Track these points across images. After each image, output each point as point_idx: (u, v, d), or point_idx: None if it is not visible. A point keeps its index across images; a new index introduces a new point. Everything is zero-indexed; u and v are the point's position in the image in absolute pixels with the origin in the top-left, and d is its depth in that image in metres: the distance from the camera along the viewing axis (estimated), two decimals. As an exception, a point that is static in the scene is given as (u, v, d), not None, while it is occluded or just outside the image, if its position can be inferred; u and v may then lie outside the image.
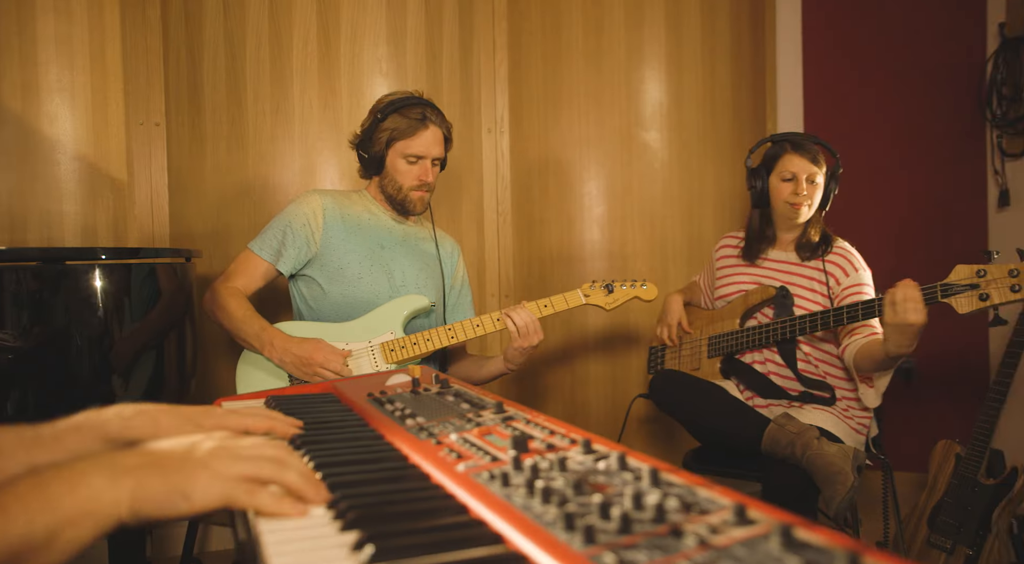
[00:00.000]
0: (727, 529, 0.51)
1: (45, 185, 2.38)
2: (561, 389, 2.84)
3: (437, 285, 1.98)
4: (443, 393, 1.04)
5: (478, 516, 0.61)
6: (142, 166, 2.51)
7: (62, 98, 2.40)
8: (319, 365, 1.71)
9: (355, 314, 1.84)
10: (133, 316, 1.69)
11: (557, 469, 0.67)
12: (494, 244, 2.83)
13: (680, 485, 0.61)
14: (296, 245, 1.83)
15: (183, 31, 2.52)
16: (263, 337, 1.74)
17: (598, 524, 0.53)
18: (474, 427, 0.85)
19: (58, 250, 2.04)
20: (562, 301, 1.90)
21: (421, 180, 1.87)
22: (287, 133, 2.54)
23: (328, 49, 2.55)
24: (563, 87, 2.78)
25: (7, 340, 1.53)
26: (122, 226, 2.50)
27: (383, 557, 0.53)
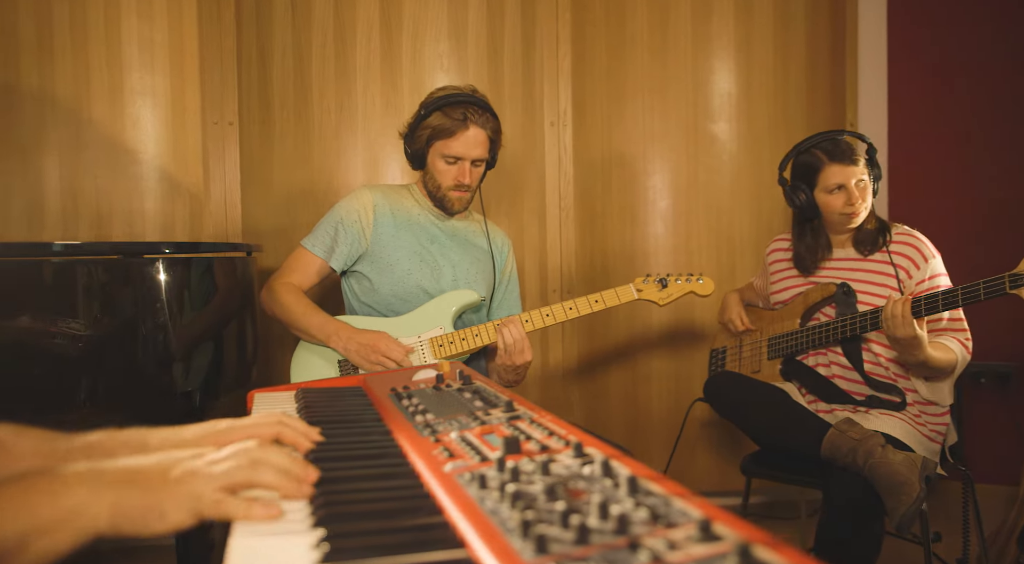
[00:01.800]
0: (687, 545, 0.48)
1: (128, 183, 2.52)
2: (622, 388, 2.79)
3: (487, 280, 1.98)
4: (462, 390, 1.04)
5: (450, 518, 0.60)
6: (216, 164, 2.62)
7: (144, 101, 2.53)
8: (382, 353, 1.73)
9: (405, 309, 1.86)
10: (192, 308, 1.76)
11: (539, 473, 0.65)
12: (556, 238, 2.80)
13: (658, 495, 0.58)
14: (347, 242, 1.86)
15: (254, 31, 2.61)
16: (327, 328, 1.77)
17: (555, 533, 0.51)
18: (478, 426, 0.84)
19: (127, 244, 2.16)
20: (613, 296, 1.86)
21: (458, 181, 1.85)
22: (350, 130, 2.60)
23: (390, 46, 2.59)
24: (627, 80, 2.73)
25: (79, 329, 1.62)
26: (198, 222, 2.61)
27: (336, 557, 0.53)
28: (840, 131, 1.92)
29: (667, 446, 2.47)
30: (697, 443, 2.73)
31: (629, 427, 2.78)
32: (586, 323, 2.79)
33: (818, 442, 1.72)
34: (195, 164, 2.60)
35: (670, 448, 2.40)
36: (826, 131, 1.93)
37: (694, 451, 2.73)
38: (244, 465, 0.65)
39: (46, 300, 1.62)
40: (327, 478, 0.70)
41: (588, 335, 2.81)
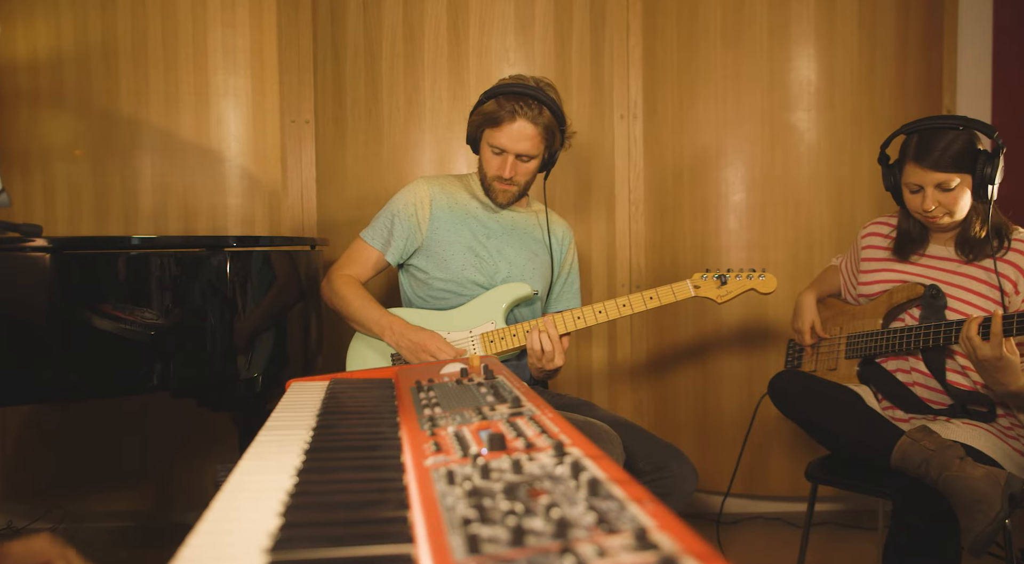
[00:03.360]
0: (617, 552, 0.46)
1: (212, 180, 2.66)
2: (692, 386, 2.72)
3: (544, 274, 1.96)
4: (481, 384, 1.03)
5: (410, 513, 0.60)
6: (293, 161, 2.72)
7: (227, 102, 2.66)
8: (430, 354, 1.75)
9: (459, 303, 1.87)
10: (256, 299, 1.84)
11: (511, 471, 0.64)
12: (625, 232, 2.76)
13: (616, 499, 0.56)
14: (403, 235, 1.88)
15: (329, 32, 2.69)
16: (383, 323, 1.81)
17: (491, 533, 0.51)
18: (478, 421, 0.83)
19: (195, 238, 2.27)
20: (669, 293, 1.81)
21: (499, 174, 1.83)
22: (418, 125, 2.64)
23: (457, 41, 2.61)
24: (699, 69, 2.64)
25: (151, 319, 1.73)
26: (276, 217, 2.73)
27: (283, 546, 0.54)
28: (962, 119, 1.67)
29: (738, 447, 2.38)
30: (771, 445, 2.62)
31: (699, 426, 2.71)
32: (655, 319, 2.73)
33: (888, 450, 1.61)
34: (274, 161, 2.71)
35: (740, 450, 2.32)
36: (945, 116, 1.70)
37: (767, 453, 2.63)
38: None
39: (124, 290, 1.73)
40: (312, 468, 0.71)
41: (657, 331, 2.75)
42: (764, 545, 2.50)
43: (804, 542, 1.95)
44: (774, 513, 2.69)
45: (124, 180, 2.63)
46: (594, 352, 2.77)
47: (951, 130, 1.66)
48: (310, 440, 0.82)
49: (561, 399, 1.87)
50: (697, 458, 2.65)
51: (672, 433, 2.69)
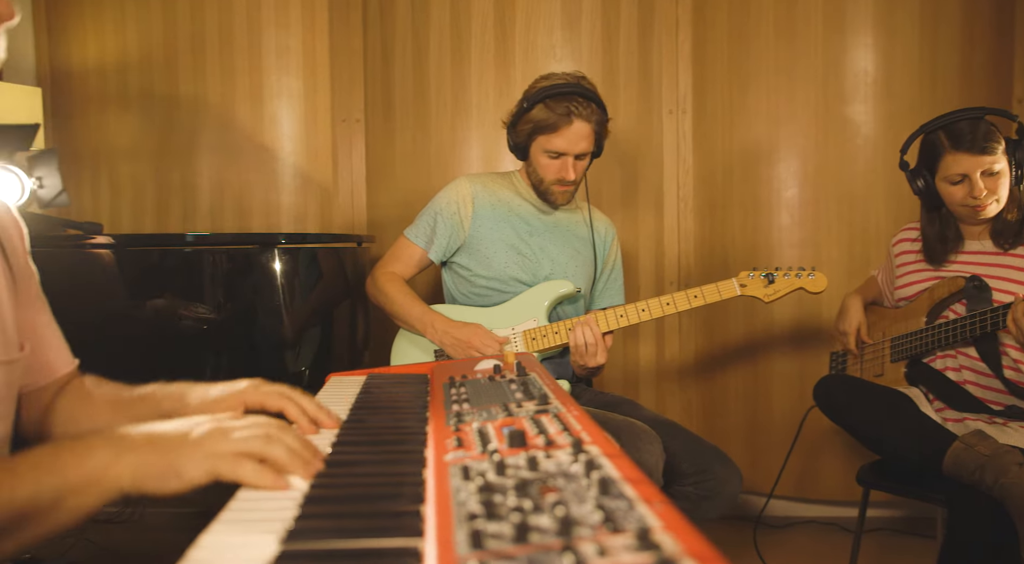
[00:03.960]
0: (617, 552, 0.46)
1: (266, 179, 2.73)
2: (742, 387, 2.66)
3: (587, 271, 1.95)
4: (512, 381, 1.04)
5: (423, 507, 0.61)
6: (344, 159, 2.78)
7: (280, 102, 2.73)
8: (475, 349, 1.76)
9: (502, 300, 1.88)
10: (303, 295, 1.88)
11: (526, 468, 0.64)
12: (674, 229, 2.72)
13: (626, 498, 0.55)
14: (445, 234, 1.90)
15: (378, 29, 2.73)
16: (425, 320, 1.83)
17: (496, 529, 0.51)
18: (503, 417, 0.84)
19: (246, 235, 2.34)
20: (714, 292, 1.78)
21: (561, 176, 1.82)
22: (465, 122, 2.66)
23: (504, 38, 2.62)
24: (750, 62, 2.58)
25: (204, 313, 1.79)
26: (327, 214, 2.79)
27: (296, 537, 0.55)
28: (981, 109, 1.70)
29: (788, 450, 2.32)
30: (823, 447, 2.55)
31: (748, 428, 2.65)
32: (703, 317, 2.69)
33: (940, 456, 1.55)
34: (325, 159, 2.77)
35: (793, 453, 2.26)
36: (961, 109, 1.72)
37: (819, 455, 2.56)
38: (260, 437, 0.69)
39: (179, 285, 1.80)
40: (337, 461, 0.73)
41: (706, 330, 2.71)
42: (813, 550, 2.44)
43: (855, 548, 1.89)
44: (827, 517, 2.62)
45: (184, 179, 2.73)
46: (641, 351, 2.74)
47: (977, 119, 1.67)
48: (339, 433, 0.84)
49: (604, 398, 1.86)
50: (747, 460, 2.61)
51: (721, 434, 2.65)
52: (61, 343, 1.02)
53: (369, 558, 0.52)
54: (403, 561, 0.50)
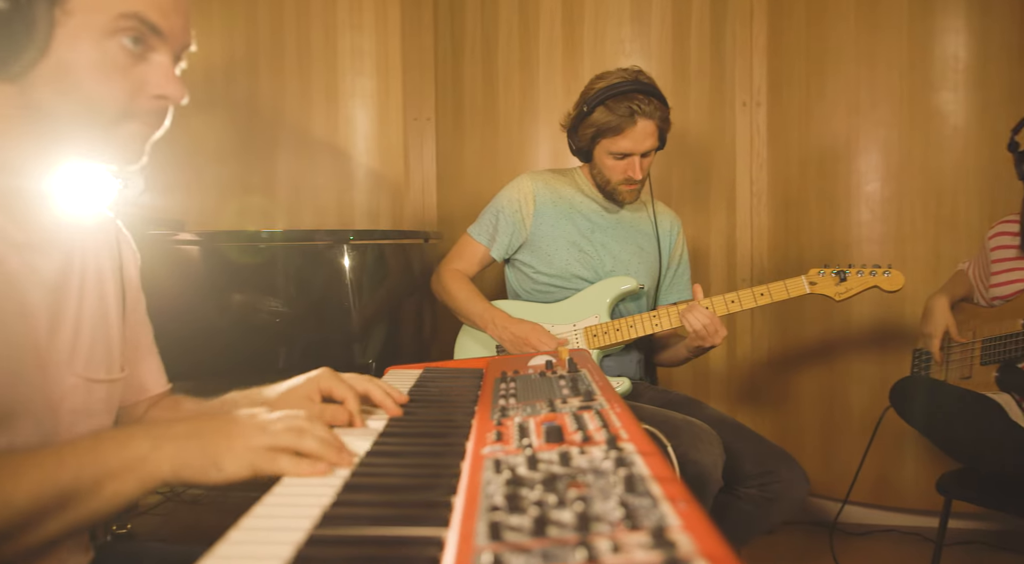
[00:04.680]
0: (631, 549, 0.46)
1: (341, 177, 2.82)
2: (817, 387, 2.57)
3: (651, 268, 1.93)
4: (562, 377, 1.04)
5: (455, 498, 0.62)
6: (415, 157, 2.83)
7: (354, 102, 2.81)
8: (532, 346, 1.77)
9: (564, 297, 1.88)
10: (371, 290, 1.94)
11: (558, 462, 0.64)
12: (747, 225, 2.65)
13: (651, 496, 0.55)
14: (507, 231, 1.91)
15: (449, 28, 2.77)
16: (485, 316, 1.85)
17: (518, 522, 0.51)
18: (546, 413, 0.84)
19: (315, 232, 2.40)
20: (781, 290, 1.73)
21: (628, 177, 1.80)
22: (533, 119, 2.66)
23: (572, 34, 2.61)
24: (829, 51, 2.48)
25: (278, 307, 1.86)
26: (399, 212, 2.85)
27: (329, 523, 0.57)
28: None
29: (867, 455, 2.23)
30: (905, 452, 2.43)
31: (823, 430, 2.56)
32: (777, 315, 2.61)
33: (1027, 465, 1.46)
34: (397, 158, 2.83)
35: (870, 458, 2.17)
36: None
37: (900, 460, 2.44)
38: (291, 430, 0.71)
39: (255, 280, 1.88)
40: (379, 451, 0.75)
41: (780, 327, 2.63)
42: (894, 561, 2.33)
43: (935, 562, 1.80)
44: (910, 527, 2.49)
45: (264, 178, 2.84)
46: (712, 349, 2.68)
47: None
48: (386, 424, 0.86)
49: (667, 396, 1.83)
50: (821, 463, 2.52)
51: (794, 436, 2.57)
52: (158, 365, 1.07)
53: (394, 545, 0.53)
54: (425, 550, 0.51)
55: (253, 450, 0.69)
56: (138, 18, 0.74)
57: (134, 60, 0.76)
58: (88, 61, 0.73)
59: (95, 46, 0.73)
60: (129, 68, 0.76)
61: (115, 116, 0.76)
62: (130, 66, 0.76)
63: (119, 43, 0.74)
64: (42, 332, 0.81)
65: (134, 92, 0.77)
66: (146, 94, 0.78)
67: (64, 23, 0.72)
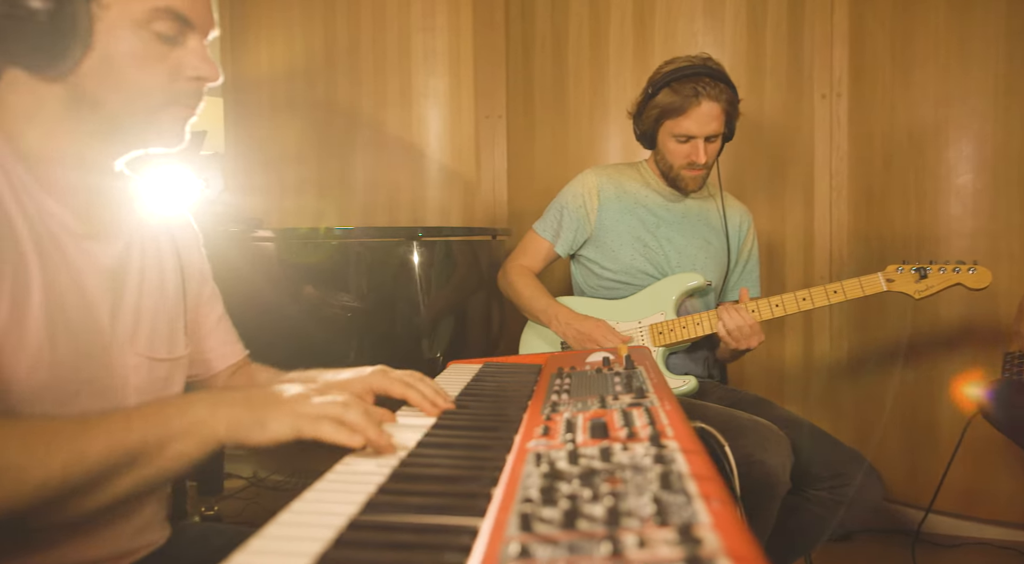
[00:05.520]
0: (656, 545, 0.46)
1: (414, 175, 2.88)
2: (901, 390, 2.45)
3: (718, 263, 1.89)
4: (617, 374, 1.04)
5: (495, 489, 0.63)
6: (486, 155, 2.86)
7: (427, 102, 2.86)
8: (595, 343, 1.77)
9: (628, 294, 1.86)
10: (439, 285, 1.97)
11: (598, 458, 0.65)
12: (825, 220, 2.56)
13: (686, 493, 0.55)
14: (571, 227, 1.90)
15: (519, 27, 2.79)
16: (549, 312, 1.86)
17: (550, 514, 0.52)
18: (595, 409, 0.84)
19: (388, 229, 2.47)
20: (856, 287, 1.66)
21: (691, 160, 1.77)
22: (604, 115, 2.65)
23: (643, 28, 2.58)
24: (916, 39, 2.36)
25: (350, 301, 1.93)
26: (470, 208, 2.89)
27: (371, 510, 0.60)
28: None
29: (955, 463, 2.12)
30: (999, 460, 2.30)
31: (907, 435, 2.45)
32: (857, 312, 2.51)
33: None
34: (469, 156, 2.87)
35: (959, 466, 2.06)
36: None
37: (994, 470, 2.31)
38: (338, 403, 0.76)
39: (328, 275, 1.95)
40: (429, 442, 0.77)
41: (860, 326, 2.53)
42: (982, 574, 2.21)
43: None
44: (1005, 541, 2.35)
45: (341, 177, 2.93)
46: (787, 347, 2.61)
47: None
48: (439, 417, 0.89)
49: (736, 395, 1.80)
50: (904, 469, 2.41)
51: (875, 440, 2.46)
52: (229, 337, 1.13)
53: (430, 533, 0.55)
54: (459, 538, 0.53)
55: (298, 415, 0.74)
56: (170, 11, 0.80)
57: (170, 46, 0.82)
58: (128, 51, 0.79)
59: (133, 36, 0.79)
60: (166, 54, 0.82)
61: (159, 101, 0.83)
62: (167, 52, 0.82)
63: (154, 31, 0.80)
64: (104, 316, 0.86)
65: (173, 76, 0.83)
66: (184, 77, 0.84)
67: (102, 17, 0.78)
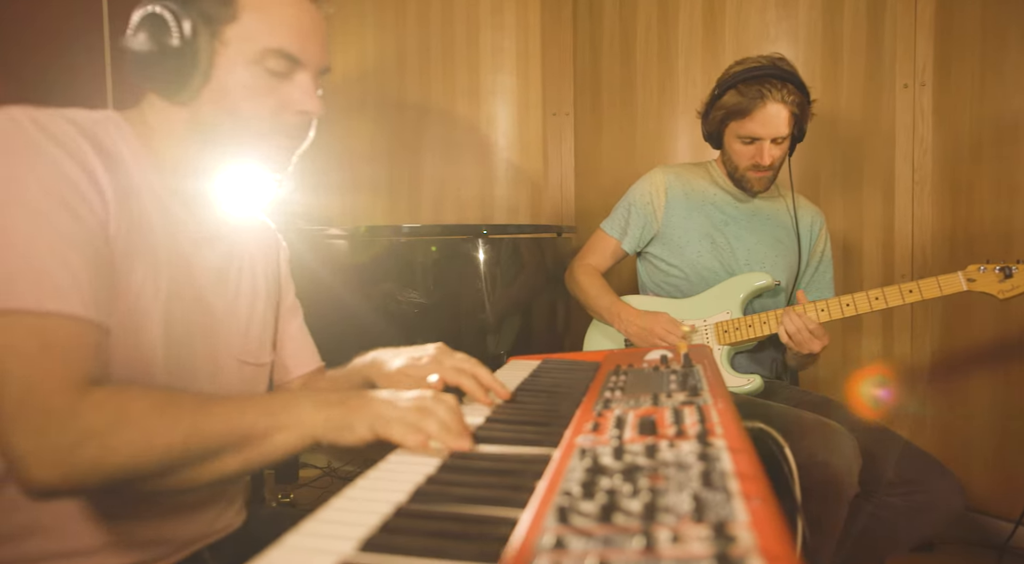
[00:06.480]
0: (689, 541, 0.46)
1: (482, 173, 2.91)
2: (990, 397, 2.33)
3: (789, 263, 1.84)
4: (674, 372, 1.03)
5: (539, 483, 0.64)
6: (554, 152, 2.87)
7: (495, 99, 2.89)
8: (659, 337, 1.76)
9: (695, 292, 1.84)
10: (505, 282, 2.00)
11: (643, 454, 0.65)
12: (907, 216, 2.45)
13: (727, 492, 0.54)
14: (639, 224, 1.90)
15: (587, 24, 2.78)
16: (612, 310, 1.86)
17: (588, 508, 0.53)
18: (648, 406, 0.84)
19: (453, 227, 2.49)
20: (933, 286, 1.59)
21: (756, 162, 1.74)
22: (672, 111, 2.61)
23: (713, 20, 2.53)
24: (1010, 24, 2.23)
25: (416, 298, 1.97)
26: (537, 206, 2.91)
27: (419, 499, 0.62)
28: None
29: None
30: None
31: (998, 444, 2.32)
32: (942, 313, 2.39)
33: None
34: (536, 153, 2.89)
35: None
36: None
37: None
38: (419, 409, 0.79)
39: (397, 273, 2.00)
40: (480, 436, 0.79)
41: (944, 327, 2.41)
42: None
43: None
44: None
45: (411, 175, 3.00)
46: (864, 347, 2.51)
47: None
48: (493, 410, 0.90)
49: (805, 396, 1.75)
50: (993, 479, 2.28)
51: (961, 447, 2.35)
52: (308, 346, 1.19)
53: (471, 523, 0.57)
54: (499, 529, 0.54)
55: (378, 417, 0.78)
56: (281, 52, 0.88)
57: (279, 81, 0.90)
58: (241, 83, 0.87)
59: (246, 71, 0.87)
60: (275, 88, 0.89)
61: (265, 130, 0.90)
62: (276, 86, 0.89)
63: (266, 68, 0.88)
64: (215, 315, 0.94)
65: (280, 109, 0.90)
66: (290, 110, 0.91)
67: (221, 53, 0.87)
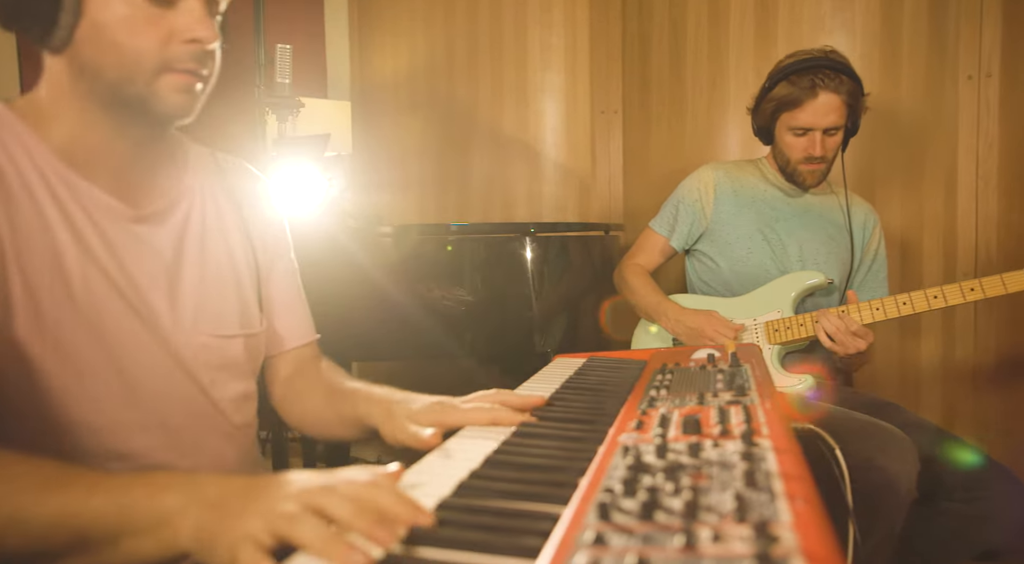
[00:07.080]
0: (730, 540, 0.46)
1: (530, 171, 2.92)
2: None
3: (842, 261, 1.80)
4: (721, 371, 1.02)
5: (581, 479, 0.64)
6: (602, 150, 2.86)
7: (543, 97, 2.89)
8: (708, 338, 1.74)
9: (745, 290, 1.81)
10: (552, 280, 2.00)
11: (686, 453, 0.65)
12: (970, 212, 2.36)
13: (771, 492, 0.54)
14: (687, 221, 1.88)
15: (636, 20, 2.76)
16: (660, 309, 1.84)
17: (630, 505, 0.53)
18: (693, 405, 0.84)
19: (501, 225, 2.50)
20: (997, 284, 1.53)
21: (809, 154, 1.71)
22: (722, 108, 2.57)
23: (765, 14, 2.48)
24: (1081, 7, 2.14)
25: (464, 295, 1.99)
26: (586, 204, 2.90)
27: (463, 493, 0.63)
28: None
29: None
30: None
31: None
32: (1009, 311, 2.29)
33: None
34: (584, 151, 2.88)
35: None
36: None
37: None
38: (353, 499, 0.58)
39: (444, 269, 2.02)
40: (524, 432, 0.80)
41: (1011, 326, 2.31)
42: None
43: None
44: None
45: (459, 174, 3.02)
46: (923, 347, 2.43)
47: None
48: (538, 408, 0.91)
49: (859, 398, 1.70)
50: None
51: None
52: (297, 321, 1.09)
53: (513, 517, 0.57)
54: (540, 524, 0.54)
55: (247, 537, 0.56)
56: None
57: (164, 9, 0.81)
58: (118, 15, 0.78)
59: (122, 2, 0.79)
60: (160, 17, 0.80)
61: (153, 68, 0.80)
62: (160, 15, 0.80)
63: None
64: (160, 299, 0.86)
65: (166, 40, 0.81)
66: (177, 40, 0.81)
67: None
